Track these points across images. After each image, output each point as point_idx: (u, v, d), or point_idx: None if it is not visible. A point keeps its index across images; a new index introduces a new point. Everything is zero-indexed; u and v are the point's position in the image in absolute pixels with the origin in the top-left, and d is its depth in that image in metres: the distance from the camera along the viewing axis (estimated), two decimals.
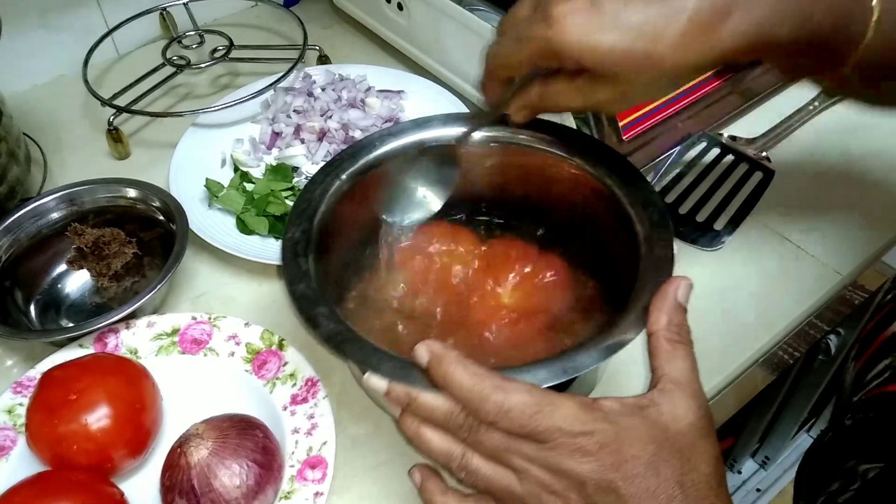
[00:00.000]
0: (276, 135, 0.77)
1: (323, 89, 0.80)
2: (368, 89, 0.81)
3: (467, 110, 0.76)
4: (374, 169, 0.56)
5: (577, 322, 0.54)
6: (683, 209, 0.70)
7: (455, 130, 0.57)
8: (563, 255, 0.57)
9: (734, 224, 0.69)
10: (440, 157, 0.57)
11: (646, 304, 0.45)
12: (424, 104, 0.79)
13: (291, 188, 0.72)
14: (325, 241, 0.52)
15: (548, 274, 0.56)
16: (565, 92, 0.45)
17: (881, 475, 0.47)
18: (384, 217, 0.56)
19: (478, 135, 0.56)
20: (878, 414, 0.50)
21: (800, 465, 0.60)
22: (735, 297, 0.64)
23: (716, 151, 0.75)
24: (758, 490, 1.41)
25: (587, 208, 0.56)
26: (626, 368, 0.59)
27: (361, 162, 0.56)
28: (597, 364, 0.43)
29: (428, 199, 0.57)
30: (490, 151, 0.58)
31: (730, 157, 0.74)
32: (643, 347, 0.44)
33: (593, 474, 0.39)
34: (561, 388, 0.47)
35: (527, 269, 0.56)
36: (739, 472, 1.41)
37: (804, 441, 1.42)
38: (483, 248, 0.58)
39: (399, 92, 0.81)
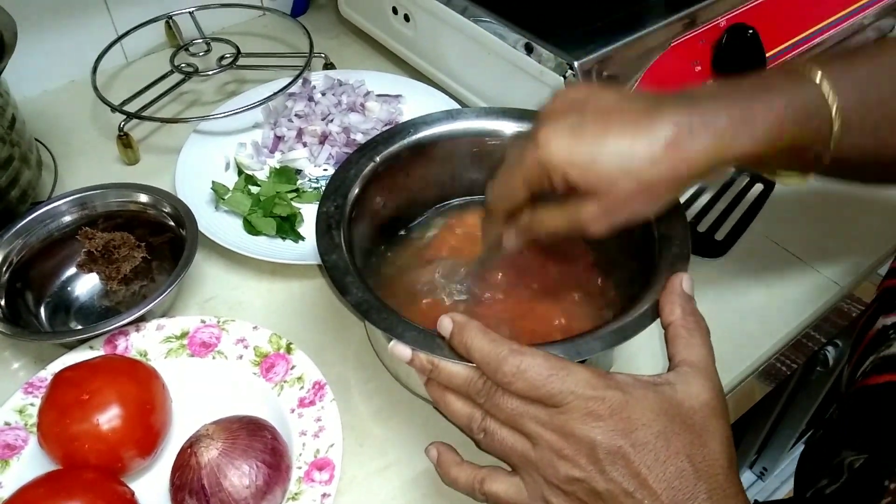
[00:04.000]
0: (279, 139, 0.78)
1: (323, 94, 0.81)
2: (367, 94, 0.82)
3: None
4: (407, 153, 0.60)
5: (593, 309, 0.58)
6: None
7: (488, 123, 0.62)
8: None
9: (734, 235, 0.70)
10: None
11: (656, 300, 0.47)
12: (422, 107, 0.80)
13: (296, 190, 0.73)
14: (357, 216, 0.56)
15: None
16: (552, 215, 0.47)
17: (865, 465, 0.48)
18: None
19: (510, 129, 0.61)
20: (863, 406, 0.51)
21: (796, 467, 0.61)
22: (735, 307, 0.65)
23: None
24: (756, 501, 1.41)
25: None
26: (635, 361, 0.60)
27: (395, 146, 0.60)
28: (606, 349, 0.46)
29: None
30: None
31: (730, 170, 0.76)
32: (656, 338, 0.45)
33: (603, 438, 0.40)
34: None
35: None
36: None
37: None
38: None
39: (397, 96, 0.83)
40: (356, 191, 0.56)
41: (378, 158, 0.58)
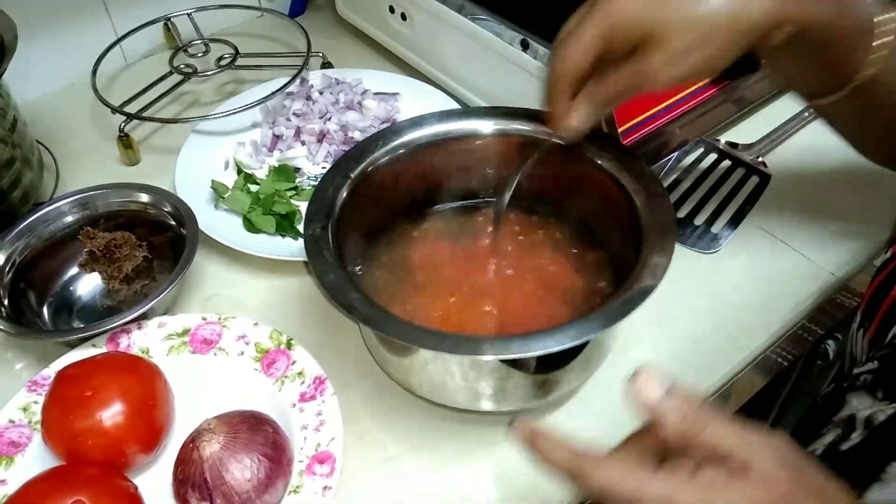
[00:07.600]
0: (277, 138, 0.79)
1: (321, 93, 0.82)
2: (365, 92, 0.83)
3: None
4: (379, 166, 0.60)
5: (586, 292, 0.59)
6: (682, 213, 0.71)
7: (456, 125, 0.62)
8: (565, 228, 0.63)
9: (731, 227, 0.70)
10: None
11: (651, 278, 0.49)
12: (419, 105, 0.81)
13: (295, 188, 0.74)
14: (344, 231, 0.56)
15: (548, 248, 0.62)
16: (618, 75, 0.49)
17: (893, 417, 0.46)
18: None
19: (486, 128, 0.62)
20: None
21: (791, 431, 0.60)
22: (732, 298, 0.65)
23: (713, 157, 0.77)
24: None
25: (585, 184, 0.61)
26: (633, 342, 0.61)
27: (366, 161, 0.60)
28: (606, 328, 0.47)
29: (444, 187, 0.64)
30: (496, 143, 0.63)
31: (727, 163, 0.76)
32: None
33: None
34: (574, 352, 0.51)
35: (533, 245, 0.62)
36: None
37: None
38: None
39: (394, 94, 0.83)
40: (337, 209, 0.56)
41: (353, 175, 0.58)
